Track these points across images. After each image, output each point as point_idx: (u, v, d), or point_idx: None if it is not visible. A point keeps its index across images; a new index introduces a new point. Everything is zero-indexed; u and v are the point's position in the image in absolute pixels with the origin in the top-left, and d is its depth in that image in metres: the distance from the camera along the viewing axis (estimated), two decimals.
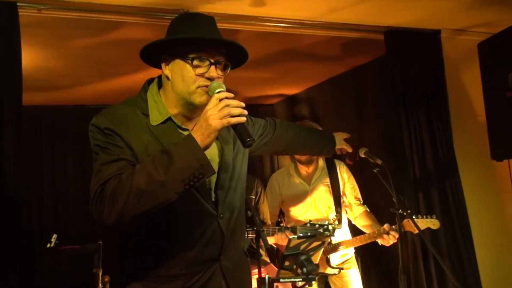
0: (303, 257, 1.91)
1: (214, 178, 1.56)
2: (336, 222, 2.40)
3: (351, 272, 2.85)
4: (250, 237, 2.37)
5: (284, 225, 2.59)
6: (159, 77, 1.59)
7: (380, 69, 3.63)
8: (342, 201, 2.90)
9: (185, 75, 1.43)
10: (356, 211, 2.93)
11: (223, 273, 1.57)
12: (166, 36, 1.54)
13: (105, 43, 2.99)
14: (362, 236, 2.78)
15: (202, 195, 1.51)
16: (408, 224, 2.55)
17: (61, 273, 4.22)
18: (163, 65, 1.51)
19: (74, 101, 4.57)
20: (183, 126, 1.52)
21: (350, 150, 2.21)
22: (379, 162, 2.45)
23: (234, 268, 1.62)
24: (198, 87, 1.43)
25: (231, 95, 1.38)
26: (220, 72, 1.48)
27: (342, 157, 2.42)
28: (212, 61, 1.44)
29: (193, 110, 1.50)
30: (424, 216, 2.65)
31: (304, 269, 1.88)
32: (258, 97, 5.52)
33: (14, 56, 2.15)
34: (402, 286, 2.28)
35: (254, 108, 5.88)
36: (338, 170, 2.94)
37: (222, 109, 1.31)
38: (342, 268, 2.79)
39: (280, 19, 2.87)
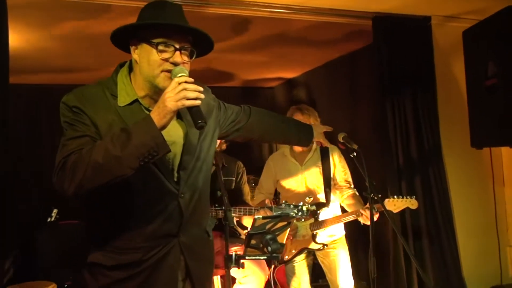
0: (268, 236, 1.99)
1: (177, 159, 1.61)
2: (310, 204, 2.45)
3: (338, 252, 2.92)
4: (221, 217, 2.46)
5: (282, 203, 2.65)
6: (131, 61, 1.65)
7: (374, 55, 3.63)
8: (333, 183, 2.97)
9: (150, 59, 1.50)
10: (344, 193, 2.99)
11: (181, 248, 1.63)
12: (136, 21, 1.60)
13: (96, 24, 3.06)
14: (343, 214, 2.88)
15: (164, 174, 1.57)
16: (388, 203, 2.67)
17: (60, 247, 4.40)
18: (132, 49, 1.58)
19: (73, 81, 4.69)
20: (150, 108, 1.58)
21: (327, 144, 2.26)
22: (355, 147, 2.49)
23: (194, 245, 1.67)
24: (162, 71, 1.49)
25: (191, 79, 1.45)
26: (185, 58, 1.54)
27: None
28: (177, 47, 1.50)
29: (159, 93, 1.54)
30: (403, 197, 2.72)
31: (269, 248, 1.96)
32: (257, 80, 5.56)
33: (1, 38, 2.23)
34: (371, 266, 2.34)
35: (254, 91, 5.93)
36: (330, 154, 3.00)
37: (179, 92, 1.39)
38: (325, 245, 2.87)
39: (267, 4, 2.90)
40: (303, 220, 2.44)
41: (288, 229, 2.10)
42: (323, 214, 2.86)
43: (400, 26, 3.20)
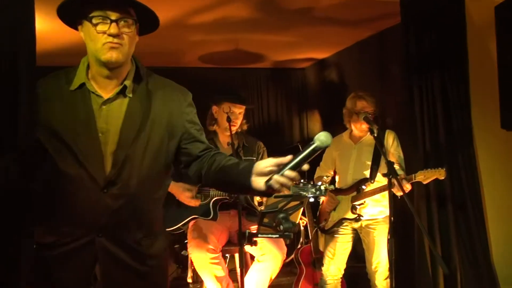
0: (281, 215, 2.00)
1: (109, 151, 1.53)
2: (328, 183, 2.48)
3: (378, 233, 2.98)
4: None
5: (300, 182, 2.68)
6: None
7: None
8: (383, 164, 2.97)
9: (91, 35, 1.50)
10: None
11: (97, 248, 1.52)
12: None
13: None
14: (374, 188, 2.95)
15: (90, 164, 1.51)
16: (419, 175, 2.77)
17: None
18: (79, 27, 1.55)
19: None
20: (97, 93, 1.56)
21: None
22: (375, 127, 2.50)
23: (116, 251, 1.54)
24: (103, 44, 1.48)
25: None
26: (126, 30, 1.50)
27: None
28: (113, 18, 1.48)
29: (107, 69, 1.54)
30: (431, 168, 2.78)
31: (281, 226, 1.98)
32: (288, 60, 5.50)
33: (29, 21, 2.31)
34: (391, 248, 2.35)
35: (284, 72, 5.89)
36: (386, 137, 3.07)
37: None
38: (361, 216, 2.96)
39: None
40: (320, 198, 2.44)
41: (301, 209, 2.12)
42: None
43: (430, 2, 3.07)
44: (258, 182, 1.51)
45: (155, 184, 1.62)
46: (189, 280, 2.82)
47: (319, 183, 2.43)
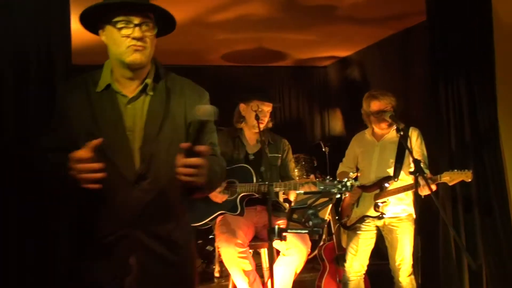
0: (310, 211, 2.05)
1: (137, 149, 1.61)
2: (355, 179, 2.50)
3: (402, 231, 2.98)
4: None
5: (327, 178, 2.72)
6: None
7: (427, 32, 3.52)
8: (407, 162, 3.03)
9: (116, 39, 1.57)
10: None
11: (133, 241, 1.60)
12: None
13: None
14: (400, 186, 2.96)
15: (121, 162, 1.59)
16: (444, 176, 2.75)
17: None
18: (100, 32, 1.63)
19: None
20: (122, 93, 1.64)
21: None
22: (401, 126, 2.52)
23: (150, 243, 1.62)
24: (127, 47, 1.55)
25: None
26: (148, 33, 1.58)
27: None
28: (136, 23, 1.56)
29: (131, 71, 1.62)
30: (457, 170, 2.77)
31: (310, 222, 2.03)
32: (310, 59, 5.55)
33: (64, 21, 2.41)
34: (417, 245, 2.37)
35: (306, 70, 5.93)
36: (409, 133, 3.04)
37: None
38: (383, 214, 2.97)
39: None
40: (346, 195, 2.47)
41: (330, 205, 2.16)
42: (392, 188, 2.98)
43: (456, 0, 3.07)
44: None
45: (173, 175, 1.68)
46: (216, 274, 2.88)
47: (345, 179, 2.46)
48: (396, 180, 2.98)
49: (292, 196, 2.93)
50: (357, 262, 3.08)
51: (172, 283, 1.67)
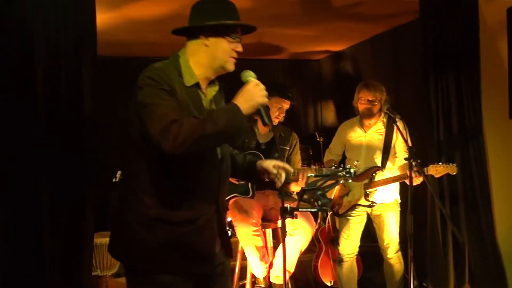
0: (319, 192, 2.31)
1: None
2: (357, 167, 2.75)
3: (388, 215, 3.26)
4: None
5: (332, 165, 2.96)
6: (183, 50, 1.91)
7: (419, 30, 3.76)
8: (393, 152, 3.28)
9: (225, 48, 1.81)
10: (400, 162, 3.27)
11: (217, 214, 1.85)
12: (199, 14, 1.85)
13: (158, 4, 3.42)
14: (390, 177, 3.20)
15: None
16: (431, 169, 2.99)
17: None
18: (202, 37, 1.84)
19: (138, 54, 5.13)
20: (204, 91, 1.87)
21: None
22: (398, 117, 2.79)
23: (222, 213, 1.91)
24: (231, 57, 1.83)
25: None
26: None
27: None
28: (241, 38, 1.85)
29: (215, 74, 1.87)
30: (443, 163, 3.01)
31: (319, 202, 2.28)
32: (304, 52, 5.77)
33: (90, 17, 2.62)
34: (409, 223, 2.65)
35: (301, 63, 6.16)
36: (395, 125, 3.22)
37: (263, 91, 1.72)
38: (374, 203, 3.20)
39: None
40: (350, 180, 2.72)
41: (337, 186, 2.42)
42: (379, 177, 3.20)
43: (447, 1, 3.33)
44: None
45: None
46: None
47: (348, 166, 2.72)
48: (383, 170, 3.21)
49: (293, 188, 3.12)
50: (349, 245, 3.33)
51: (228, 249, 1.97)
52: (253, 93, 1.70)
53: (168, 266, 1.75)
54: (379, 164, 3.24)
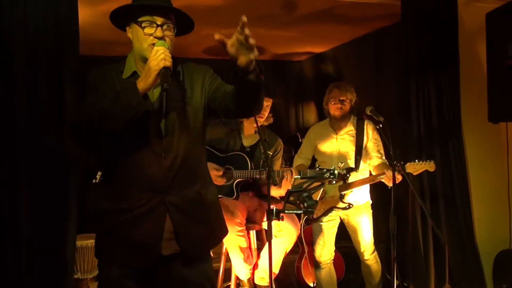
0: (305, 194, 2.32)
1: (162, 123, 1.82)
2: (341, 169, 2.76)
3: (361, 216, 3.28)
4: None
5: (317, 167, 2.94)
6: None
7: (400, 32, 3.81)
8: (364, 152, 3.30)
9: (139, 36, 1.79)
10: (375, 162, 3.30)
11: (168, 206, 1.80)
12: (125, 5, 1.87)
13: None
14: (366, 177, 3.22)
15: (150, 136, 1.80)
16: (409, 167, 2.99)
17: None
18: (127, 29, 1.85)
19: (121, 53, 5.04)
20: None
21: None
22: (381, 119, 2.81)
23: (184, 205, 1.83)
24: (149, 45, 1.76)
25: (166, 48, 1.75)
26: (168, 33, 1.79)
27: None
28: (158, 23, 1.79)
29: None
30: (422, 161, 3.03)
31: (305, 204, 2.30)
32: (286, 54, 5.79)
33: (72, 14, 2.57)
34: (392, 224, 2.68)
35: (283, 64, 6.17)
36: (365, 126, 3.32)
37: (158, 56, 1.69)
38: (351, 204, 3.21)
39: None
40: (334, 182, 2.74)
41: (322, 189, 2.43)
42: (352, 178, 3.19)
43: (428, 4, 3.39)
44: (240, 62, 1.60)
45: (198, 141, 1.92)
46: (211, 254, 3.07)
47: (333, 168, 2.73)
48: (357, 171, 3.22)
49: (273, 193, 3.09)
50: (326, 251, 3.34)
51: (204, 238, 1.90)
52: (149, 63, 1.69)
53: (113, 257, 1.83)
54: (353, 166, 3.23)
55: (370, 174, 3.34)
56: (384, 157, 3.29)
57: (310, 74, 6.06)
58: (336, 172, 2.65)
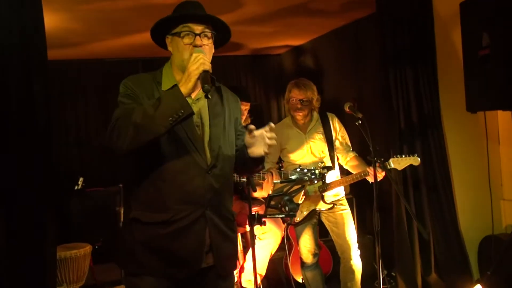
0: (286, 198, 2.30)
1: (206, 139, 1.86)
2: (323, 168, 2.74)
3: (344, 209, 3.24)
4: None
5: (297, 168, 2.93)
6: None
7: (377, 24, 3.79)
8: (334, 147, 3.26)
9: (179, 47, 1.80)
10: (347, 156, 3.28)
11: (207, 221, 1.82)
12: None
13: (115, 5, 3.29)
14: (349, 176, 3.17)
15: (196, 149, 1.81)
16: (393, 162, 2.97)
17: (88, 211, 4.79)
18: (167, 44, 1.88)
19: (91, 55, 4.95)
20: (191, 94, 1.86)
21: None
22: (360, 115, 2.78)
23: (219, 222, 1.87)
24: (190, 55, 1.76)
25: (205, 54, 1.74)
26: (206, 41, 1.80)
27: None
28: (197, 32, 1.79)
29: None
30: (406, 155, 3.02)
31: (287, 207, 2.28)
32: (265, 48, 5.75)
33: (38, 20, 2.47)
34: (376, 220, 2.67)
35: (262, 58, 6.13)
36: (330, 121, 3.27)
37: (197, 61, 1.68)
38: (335, 204, 3.17)
39: None
40: (315, 182, 2.72)
41: (303, 191, 2.41)
42: (329, 177, 3.14)
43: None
44: (252, 151, 1.88)
45: (232, 167, 1.98)
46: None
47: (313, 168, 2.70)
48: (334, 168, 3.16)
49: (256, 194, 3.07)
50: (311, 251, 3.24)
51: (232, 256, 2.00)
52: (188, 68, 1.70)
53: (149, 268, 1.81)
54: (328, 164, 3.18)
55: (342, 168, 3.32)
56: (351, 149, 3.27)
57: (290, 66, 6.03)
58: (317, 172, 2.63)
